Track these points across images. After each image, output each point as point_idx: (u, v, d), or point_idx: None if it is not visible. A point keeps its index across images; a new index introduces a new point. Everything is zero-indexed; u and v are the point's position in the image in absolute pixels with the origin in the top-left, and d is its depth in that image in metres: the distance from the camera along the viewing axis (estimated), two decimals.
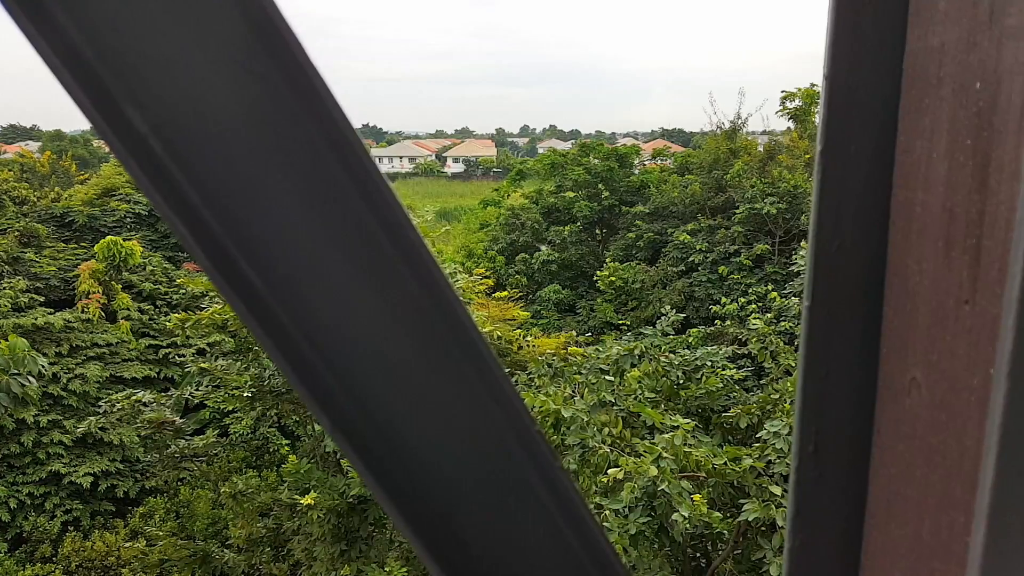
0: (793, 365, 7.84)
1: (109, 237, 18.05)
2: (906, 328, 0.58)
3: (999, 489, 0.38)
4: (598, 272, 23.50)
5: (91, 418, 13.26)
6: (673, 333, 9.94)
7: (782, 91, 22.53)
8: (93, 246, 18.31)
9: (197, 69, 0.48)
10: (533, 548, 0.62)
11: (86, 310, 16.69)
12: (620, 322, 21.73)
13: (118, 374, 16.39)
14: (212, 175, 0.50)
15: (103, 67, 0.47)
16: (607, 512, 5.45)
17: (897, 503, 0.59)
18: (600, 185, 26.90)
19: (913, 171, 0.56)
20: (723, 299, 19.49)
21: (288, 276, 0.50)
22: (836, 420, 0.65)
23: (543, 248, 25.88)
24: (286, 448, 12.98)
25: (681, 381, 7.67)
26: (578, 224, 26.32)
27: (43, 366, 13.61)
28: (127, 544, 12.52)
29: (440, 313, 0.55)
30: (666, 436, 5.78)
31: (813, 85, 22.51)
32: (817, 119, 0.73)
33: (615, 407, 6.94)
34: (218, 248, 0.50)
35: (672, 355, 8.02)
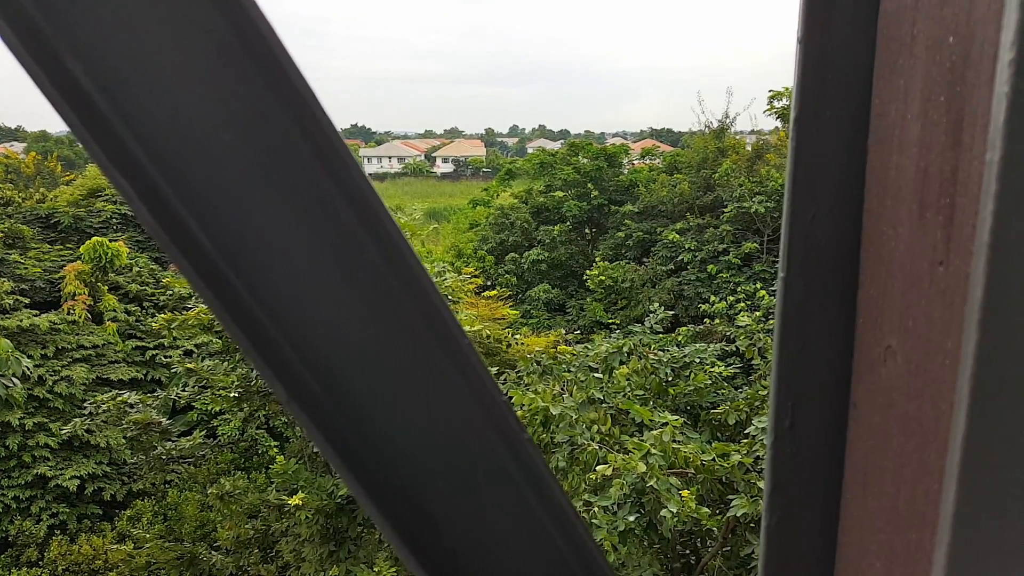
0: None
1: (95, 238, 17.92)
2: (881, 296, 0.56)
3: (969, 446, 0.36)
4: (588, 271, 23.53)
5: (76, 420, 13.14)
6: (662, 331, 9.95)
7: (770, 90, 22.61)
8: (79, 247, 18.17)
9: (143, 23, 0.46)
10: (508, 529, 0.60)
11: (72, 312, 16.56)
12: (610, 321, 21.76)
13: (104, 376, 16.27)
14: (161, 135, 0.48)
15: (45, 20, 0.45)
16: (596, 509, 5.45)
17: (873, 475, 0.58)
18: (589, 184, 26.95)
19: (888, 134, 0.55)
20: (712, 297, 19.54)
21: (241, 237, 0.49)
22: (813, 393, 0.64)
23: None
24: (275, 450, 12.92)
25: (670, 378, 7.68)
26: (568, 223, 26.35)
27: (27, 368, 13.49)
28: (114, 547, 12.41)
29: (407, 291, 0.54)
30: (655, 433, 5.78)
31: None
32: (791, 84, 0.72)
33: (604, 404, 6.94)
34: (168, 213, 0.49)
35: (661, 352, 8.04)
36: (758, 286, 17.05)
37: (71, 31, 0.46)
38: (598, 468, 5.54)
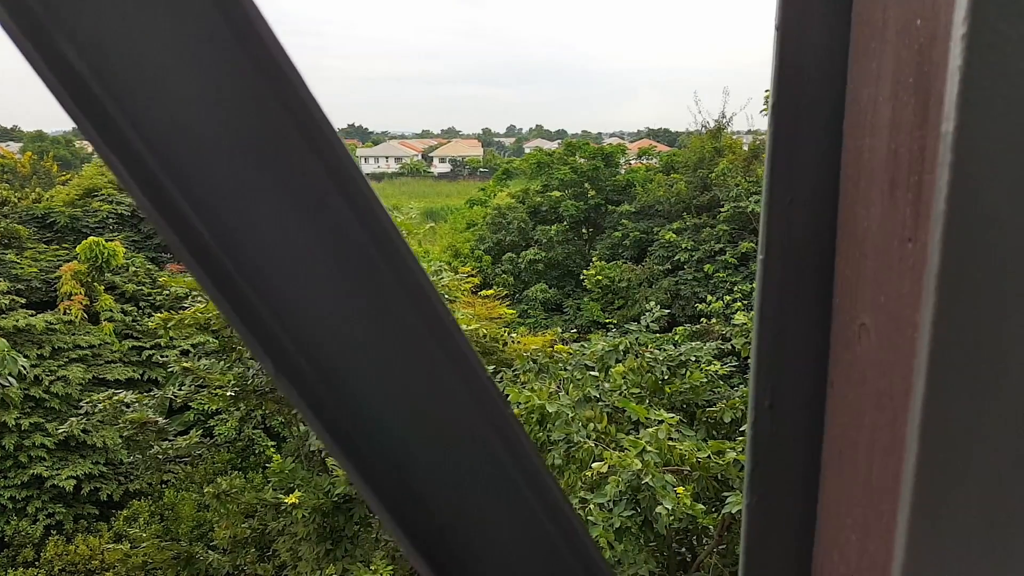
0: None
1: (91, 238, 17.88)
2: (855, 275, 0.58)
3: (927, 411, 0.37)
4: (585, 271, 23.55)
5: (72, 420, 13.12)
6: (659, 330, 9.96)
7: (766, 90, 22.61)
8: (75, 247, 18.13)
9: (138, 9, 0.48)
10: (496, 510, 0.61)
11: (68, 312, 16.52)
12: (607, 320, 21.78)
13: (101, 376, 16.23)
14: (156, 122, 0.49)
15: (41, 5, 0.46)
16: (592, 506, 5.46)
17: (849, 451, 0.59)
18: (586, 184, 26.96)
19: (861, 117, 0.57)
20: (709, 297, 19.58)
21: (229, 220, 0.50)
22: (792, 373, 0.65)
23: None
24: (271, 450, 12.91)
25: (666, 376, 7.69)
26: (565, 223, 26.37)
27: (23, 367, 13.46)
28: (111, 547, 12.40)
29: (396, 275, 0.55)
30: (650, 430, 5.80)
31: None
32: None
33: (600, 402, 6.95)
34: (163, 195, 0.50)
35: (657, 351, 8.05)
36: (755, 285, 17.06)
37: (66, 16, 0.47)
38: (594, 465, 5.56)
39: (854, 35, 0.57)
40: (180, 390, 11.36)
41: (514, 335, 11.57)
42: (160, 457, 11.79)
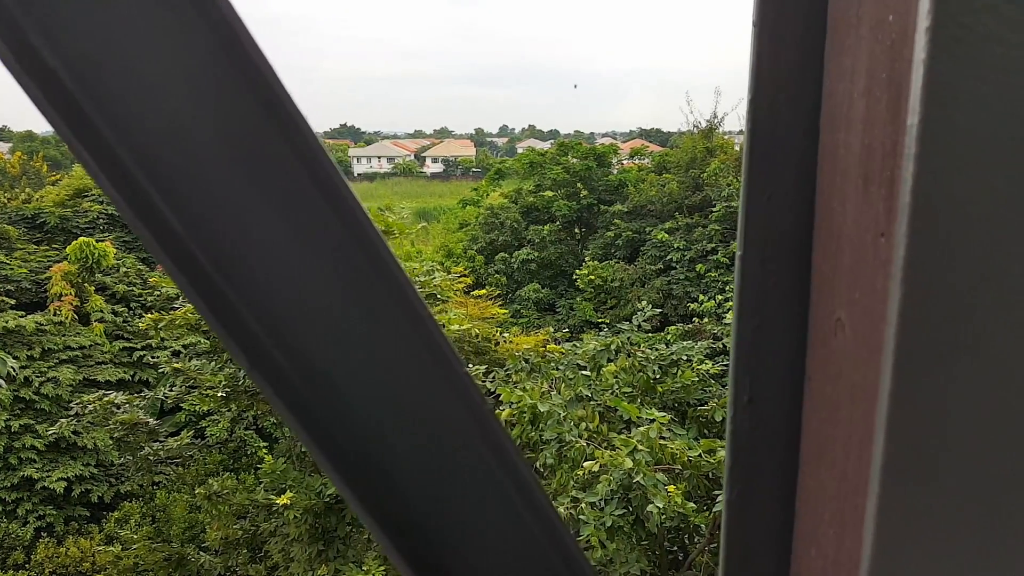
0: None
1: (82, 238, 17.78)
2: (832, 270, 0.58)
3: (894, 405, 0.38)
4: (577, 271, 23.58)
5: (63, 421, 13.04)
6: (651, 329, 9.98)
7: None
8: (65, 248, 18.03)
9: (113, 6, 0.47)
10: (475, 502, 0.61)
11: (58, 312, 16.42)
12: (599, 320, 21.80)
13: (91, 377, 16.15)
14: (129, 117, 0.49)
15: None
16: (584, 505, 5.47)
17: (827, 445, 0.60)
18: (579, 184, 27.00)
19: (836, 113, 0.57)
20: (701, 296, 19.65)
21: (201, 212, 0.50)
22: (770, 369, 0.66)
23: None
24: (263, 451, 12.87)
25: (657, 376, 7.71)
26: (557, 223, 26.39)
27: (13, 369, 13.38)
28: (102, 549, 12.34)
29: (375, 268, 0.55)
30: (642, 429, 5.81)
31: None
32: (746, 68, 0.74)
33: (592, 402, 6.96)
34: (133, 187, 0.50)
35: (649, 350, 8.07)
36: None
37: (38, 10, 0.47)
38: (585, 464, 5.57)
39: (830, 31, 0.58)
40: (171, 391, 11.31)
41: (506, 335, 11.57)
42: (151, 458, 11.74)
